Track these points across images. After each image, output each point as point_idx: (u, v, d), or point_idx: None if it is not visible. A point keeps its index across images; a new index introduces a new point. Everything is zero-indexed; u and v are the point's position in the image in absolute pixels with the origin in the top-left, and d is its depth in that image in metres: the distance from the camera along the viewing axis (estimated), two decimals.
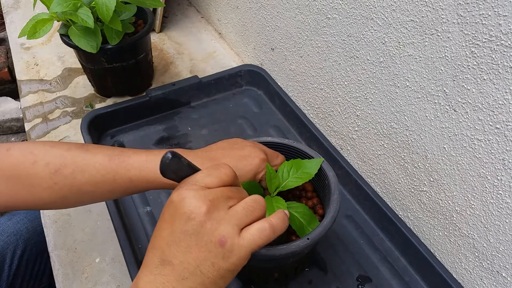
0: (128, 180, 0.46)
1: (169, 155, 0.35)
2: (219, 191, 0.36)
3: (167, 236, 0.35)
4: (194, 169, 0.38)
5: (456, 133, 0.48)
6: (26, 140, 0.78)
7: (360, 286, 0.57)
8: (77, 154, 0.46)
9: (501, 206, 0.46)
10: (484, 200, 0.47)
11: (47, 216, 0.65)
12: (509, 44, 0.39)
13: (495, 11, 0.39)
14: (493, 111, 0.43)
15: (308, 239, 0.46)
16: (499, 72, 0.41)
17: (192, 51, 0.98)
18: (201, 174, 0.37)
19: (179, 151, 0.48)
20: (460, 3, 0.42)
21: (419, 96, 0.51)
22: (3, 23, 1.38)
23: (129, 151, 0.48)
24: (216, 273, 0.35)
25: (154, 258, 0.35)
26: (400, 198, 0.61)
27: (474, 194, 0.49)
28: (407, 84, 0.52)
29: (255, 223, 0.36)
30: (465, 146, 0.47)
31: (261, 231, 0.36)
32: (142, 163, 0.46)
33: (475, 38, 0.42)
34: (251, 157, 0.50)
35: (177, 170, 0.37)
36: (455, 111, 0.47)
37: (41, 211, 0.66)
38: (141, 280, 0.35)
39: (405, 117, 0.54)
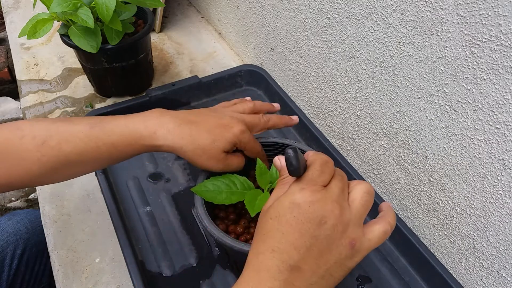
0: (111, 145, 0.47)
1: (291, 152, 0.34)
2: (337, 189, 0.36)
3: (295, 240, 0.34)
4: (304, 159, 0.37)
5: (456, 133, 0.48)
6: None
7: (360, 286, 0.57)
8: (61, 125, 0.48)
9: (501, 206, 0.46)
10: (484, 200, 0.47)
11: (47, 216, 0.65)
12: (509, 44, 0.39)
13: (495, 11, 0.39)
14: (493, 111, 0.43)
15: None
16: (499, 72, 0.41)
17: (192, 51, 0.98)
18: (316, 172, 0.36)
19: (156, 113, 0.50)
20: (460, 3, 0.42)
21: (419, 96, 0.51)
22: (3, 23, 1.38)
23: (108, 118, 0.49)
24: (343, 273, 0.35)
25: (278, 263, 0.34)
26: (400, 198, 0.61)
27: (474, 194, 0.49)
28: (407, 84, 0.52)
29: (378, 224, 0.37)
30: (465, 146, 0.47)
31: (385, 233, 0.37)
32: (122, 127, 0.48)
33: (475, 38, 0.42)
34: (229, 127, 0.50)
35: (299, 163, 0.35)
36: (455, 111, 0.47)
37: (41, 211, 0.65)
38: (263, 286, 0.33)
39: (405, 117, 0.54)
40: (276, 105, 0.61)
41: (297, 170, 0.35)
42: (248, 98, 0.62)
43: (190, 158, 0.49)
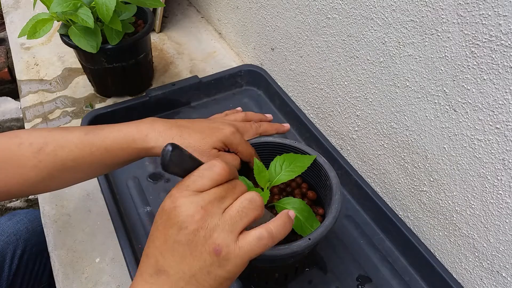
0: (104, 150, 0.48)
1: (170, 148, 0.33)
2: (212, 194, 0.35)
3: (161, 245, 0.35)
4: (196, 162, 0.36)
5: (456, 133, 0.48)
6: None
7: (360, 286, 0.57)
8: (57, 133, 0.49)
9: (501, 206, 0.46)
10: (484, 200, 0.47)
11: (47, 216, 0.65)
12: (509, 44, 0.39)
13: (495, 11, 0.39)
14: (493, 111, 0.43)
15: (309, 239, 0.46)
16: (499, 72, 0.41)
17: (192, 51, 0.98)
18: (193, 177, 0.35)
19: (149, 120, 0.51)
20: (460, 3, 0.42)
21: (419, 96, 0.51)
22: (3, 23, 1.38)
23: (103, 125, 0.51)
24: (213, 282, 0.34)
25: (149, 267, 0.35)
26: (400, 198, 0.61)
27: (474, 194, 0.49)
28: (407, 84, 0.52)
29: (253, 230, 0.35)
30: (465, 146, 0.47)
31: (259, 239, 0.35)
32: (115, 132, 0.49)
33: (475, 38, 0.42)
34: (220, 128, 0.51)
35: (180, 163, 0.35)
36: (455, 111, 0.47)
37: (41, 211, 0.65)
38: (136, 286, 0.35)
39: (405, 117, 0.54)
40: (269, 116, 0.62)
41: (166, 167, 0.34)
42: (239, 108, 0.64)
43: None
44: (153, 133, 0.49)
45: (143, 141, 0.48)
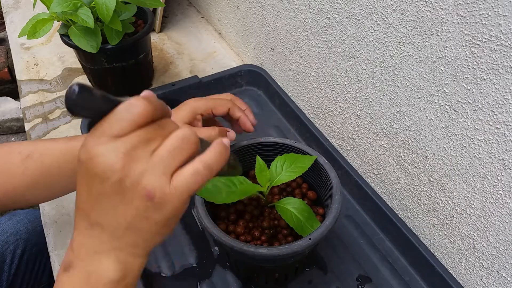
0: None
1: (76, 89, 0.28)
2: (134, 137, 0.30)
3: (87, 199, 0.32)
4: (111, 102, 0.30)
5: (456, 133, 0.48)
6: (26, 140, 0.78)
7: (360, 286, 0.57)
8: (47, 142, 0.52)
9: (501, 206, 0.46)
10: (484, 200, 0.47)
11: (47, 216, 0.65)
12: (509, 44, 0.39)
13: (495, 11, 0.39)
14: (493, 111, 0.43)
15: (310, 239, 0.46)
16: (499, 72, 0.41)
17: (192, 51, 0.98)
18: (108, 121, 0.30)
19: None
20: (460, 3, 0.42)
21: (419, 96, 0.51)
22: (3, 23, 1.38)
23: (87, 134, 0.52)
24: (154, 226, 0.32)
25: (82, 221, 0.33)
26: (400, 198, 0.61)
27: (474, 194, 0.49)
28: (407, 84, 0.52)
29: (187, 165, 0.32)
30: (465, 146, 0.47)
31: (195, 174, 0.32)
32: None
33: (475, 38, 0.42)
34: (184, 104, 0.55)
35: (91, 106, 0.29)
36: (455, 111, 0.47)
37: (41, 211, 0.65)
38: (75, 242, 0.33)
39: (405, 117, 0.54)
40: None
41: (71, 111, 0.28)
42: None
43: None
44: None
45: None
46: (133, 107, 0.30)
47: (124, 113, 0.30)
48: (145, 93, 0.34)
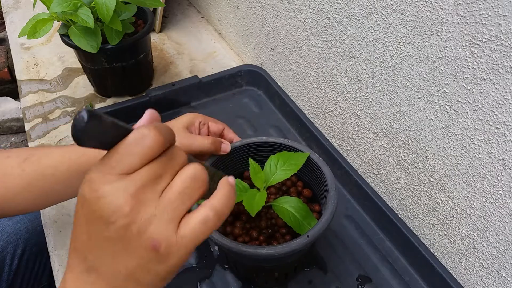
0: (79, 167, 0.50)
1: (85, 116, 0.25)
2: (144, 175, 0.28)
3: (86, 241, 0.29)
4: (121, 130, 0.28)
5: (456, 133, 0.48)
6: (26, 140, 0.78)
7: (360, 286, 0.57)
8: (45, 147, 0.53)
9: (501, 206, 0.46)
10: (484, 200, 0.47)
11: (47, 216, 0.65)
12: (509, 44, 0.39)
13: (495, 11, 0.39)
14: (493, 111, 0.43)
15: (308, 236, 0.46)
16: (499, 72, 0.41)
17: (192, 51, 0.98)
18: (118, 155, 0.28)
19: None
20: (460, 3, 0.42)
21: (419, 96, 0.51)
22: (3, 23, 1.38)
23: None
24: (154, 277, 0.29)
25: (78, 263, 0.30)
26: (400, 198, 0.61)
27: (474, 194, 0.49)
28: (407, 84, 0.52)
29: (196, 212, 0.30)
30: (465, 146, 0.47)
31: (205, 223, 0.29)
32: (90, 152, 0.48)
33: (475, 38, 0.42)
34: (183, 115, 0.57)
35: (100, 135, 0.27)
36: (455, 111, 0.47)
37: (41, 211, 0.65)
38: (67, 285, 0.30)
39: (405, 117, 0.54)
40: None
41: (79, 141, 0.26)
42: None
43: None
44: None
45: None
46: (145, 140, 0.28)
47: (134, 146, 0.28)
48: (150, 114, 0.33)
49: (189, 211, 0.30)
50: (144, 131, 0.28)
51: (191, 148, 0.52)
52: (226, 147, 0.56)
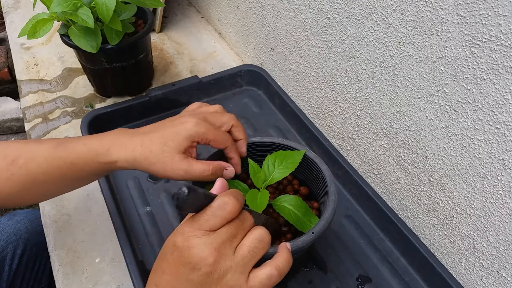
0: (71, 164, 0.47)
1: (185, 191, 0.33)
2: (224, 234, 0.36)
3: (172, 280, 0.36)
4: (210, 197, 0.37)
5: (456, 133, 0.48)
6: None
7: (360, 286, 0.57)
8: (31, 145, 0.49)
9: (501, 206, 0.46)
10: (484, 200, 0.47)
11: (47, 216, 0.65)
12: (509, 44, 0.39)
13: (495, 11, 0.39)
14: (493, 111, 0.43)
15: (313, 233, 0.46)
16: (499, 72, 0.41)
17: (192, 51, 0.98)
18: (206, 216, 0.36)
19: (115, 132, 0.49)
20: (460, 3, 0.42)
21: (419, 96, 0.51)
22: (3, 23, 1.38)
23: (73, 138, 0.50)
24: None
25: None
26: (400, 198, 0.61)
27: (474, 194, 0.49)
28: (407, 84, 0.52)
29: (263, 268, 0.37)
30: (465, 146, 0.47)
31: (270, 278, 0.37)
32: (81, 146, 0.48)
33: (475, 38, 0.42)
34: (183, 122, 0.47)
35: (195, 203, 0.36)
36: (455, 111, 0.47)
37: (41, 211, 0.65)
38: None
39: (405, 117, 0.54)
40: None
41: (181, 210, 0.35)
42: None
43: (146, 169, 0.46)
44: (115, 147, 0.47)
45: (105, 155, 0.47)
46: (227, 206, 0.36)
47: (218, 210, 0.36)
48: (221, 183, 0.40)
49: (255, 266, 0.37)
50: (226, 199, 0.37)
51: (189, 175, 0.46)
52: (228, 174, 0.51)
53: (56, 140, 0.50)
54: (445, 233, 0.55)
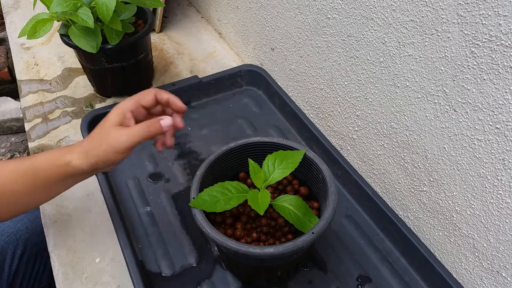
0: (36, 169, 0.50)
1: None
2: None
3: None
4: None
5: (456, 133, 0.48)
6: (26, 140, 0.78)
7: (360, 286, 0.57)
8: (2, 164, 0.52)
9: (501, 206, 0.46)
10: (484, 200, 0.47)
11: (47, 216, 0.65)
12: (509, 44, 0.39)
13: (495, 11, 0.39)
14: (493, 111, 0.43)
15: (313, 233, 0.46)
16: (499, 72, 0.41)
17: (192, 51, 0.98)
18: None
19: (76, 145, 0.52)
20: (460, 3, 0.42)
21: (419, 96, 0.51)
22: (3, 23, 1.38)
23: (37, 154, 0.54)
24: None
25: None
26: (400, 198, 0.61)
27: (474, 194, 0.49)
28: (407, 84, 0.52)
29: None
30: (465, 146, 0.47)
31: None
32: (43, 155, 0.52)
33: (475, 38, 0.42)
34: (109, 114, 0.52)
35: None
36: (455, 111, 0.47)
37: (41, 211, 0.65)
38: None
39: (405, 117, 0.54)
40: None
41: None
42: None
43: (97, 155, 0.49)
44: (69, 149, 0.51)
45: (62, 158, 0.50)
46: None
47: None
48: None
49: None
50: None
51: (133, 136, 0.49)
52: (166, 122, 0.52)
53: (23, 158, 0.54)
54: (445, 233, 0.55)
